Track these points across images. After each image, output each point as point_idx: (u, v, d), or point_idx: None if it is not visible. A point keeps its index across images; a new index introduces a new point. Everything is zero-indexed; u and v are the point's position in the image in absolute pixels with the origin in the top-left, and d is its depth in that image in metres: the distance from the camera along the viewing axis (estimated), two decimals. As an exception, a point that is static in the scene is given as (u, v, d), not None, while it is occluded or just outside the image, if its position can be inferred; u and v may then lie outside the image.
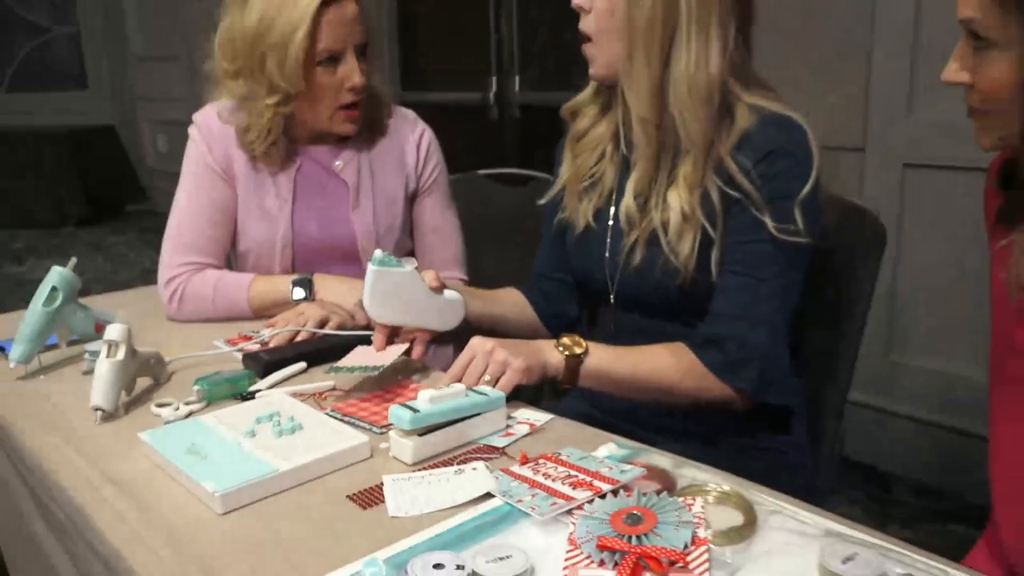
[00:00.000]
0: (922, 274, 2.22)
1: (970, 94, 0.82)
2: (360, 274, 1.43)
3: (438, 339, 1.21)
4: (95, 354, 1.20)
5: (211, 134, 1.44)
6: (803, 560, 0.68)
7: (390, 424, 0.92)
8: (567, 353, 1.07)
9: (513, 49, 3.59)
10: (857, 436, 2.45)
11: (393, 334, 1.16)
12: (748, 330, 1.06)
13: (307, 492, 0.85)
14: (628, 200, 1.14)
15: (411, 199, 1.52)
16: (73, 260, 1.25)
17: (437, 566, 0.67)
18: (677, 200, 1.08)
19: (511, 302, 1.33)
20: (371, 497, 0.83)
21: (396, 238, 1.49)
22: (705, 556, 0.67)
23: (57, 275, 1.22)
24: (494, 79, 3.67)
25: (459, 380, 1.02)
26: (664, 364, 1.09)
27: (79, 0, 6.26)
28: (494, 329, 1.26)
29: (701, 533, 0.70)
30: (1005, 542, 0.90)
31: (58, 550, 0.95)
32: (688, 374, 1.08)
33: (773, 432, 1.16)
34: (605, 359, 1.09)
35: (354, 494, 0.84)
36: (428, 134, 1.53)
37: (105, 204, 6.03)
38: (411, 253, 1.54)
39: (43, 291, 1.21)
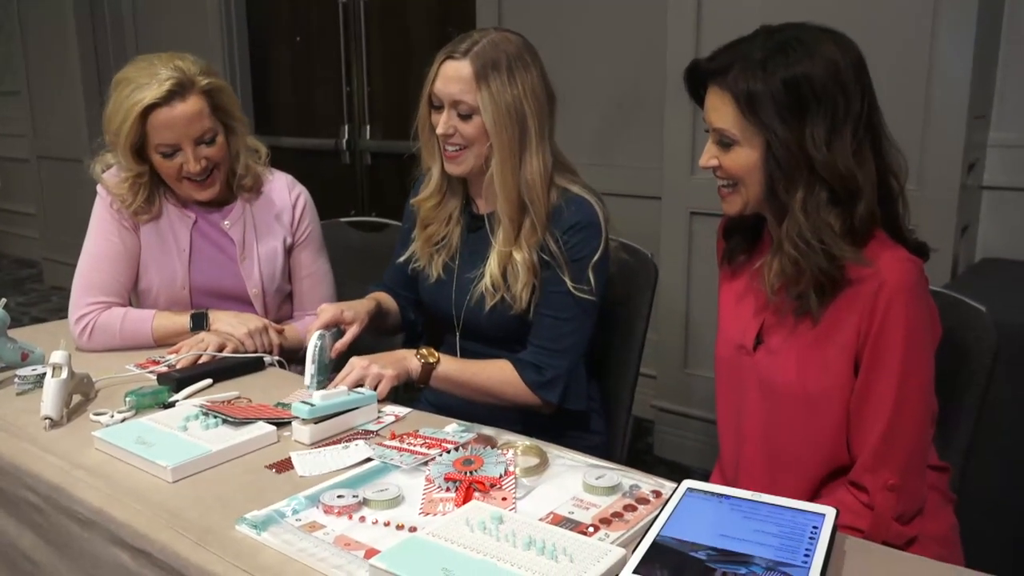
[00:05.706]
0: (709, 302, 2.76)
1: (718, 174, 1.23)
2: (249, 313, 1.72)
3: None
4: (24, 378, 1.45)
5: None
6: (574, 480, 1.08)
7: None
8: (423, 361, 1.44)
9: (364, 100, 3.94)
10: (664, 437, 2.97)
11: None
12: (554, 357, 1.47)
13: (234, 466, 1.16)
14: (493, 267, 1.48)
15: (289, 251, 1.82)
16: (3, 300, 1.49)
17: (340, 496, 1.01)
18: (521, 257, 1.46)
19: (388, 301, 1.69)
20: (283, 466, 1.16)
21: (278, 284, 1.80)
22: (513, 482, 1.06)
23: (-10, 314, 1.45)
24: (346, 127, 4.00)
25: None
26: (496, 376, 1.49)
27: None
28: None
29: (511, 468, 1.08)
30: (722, 454, 1.33)
31: (20, 529, 1.21)
32: (511, 385, 1.48)
33: (576, 427, 1.57)
34: (452, 368, 1.47)
35: (270, 464, 1.16)
36: (304, 196, 1.84)
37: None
38: (290, 295, 1.85)
39: (-22, 327, 1.44)
